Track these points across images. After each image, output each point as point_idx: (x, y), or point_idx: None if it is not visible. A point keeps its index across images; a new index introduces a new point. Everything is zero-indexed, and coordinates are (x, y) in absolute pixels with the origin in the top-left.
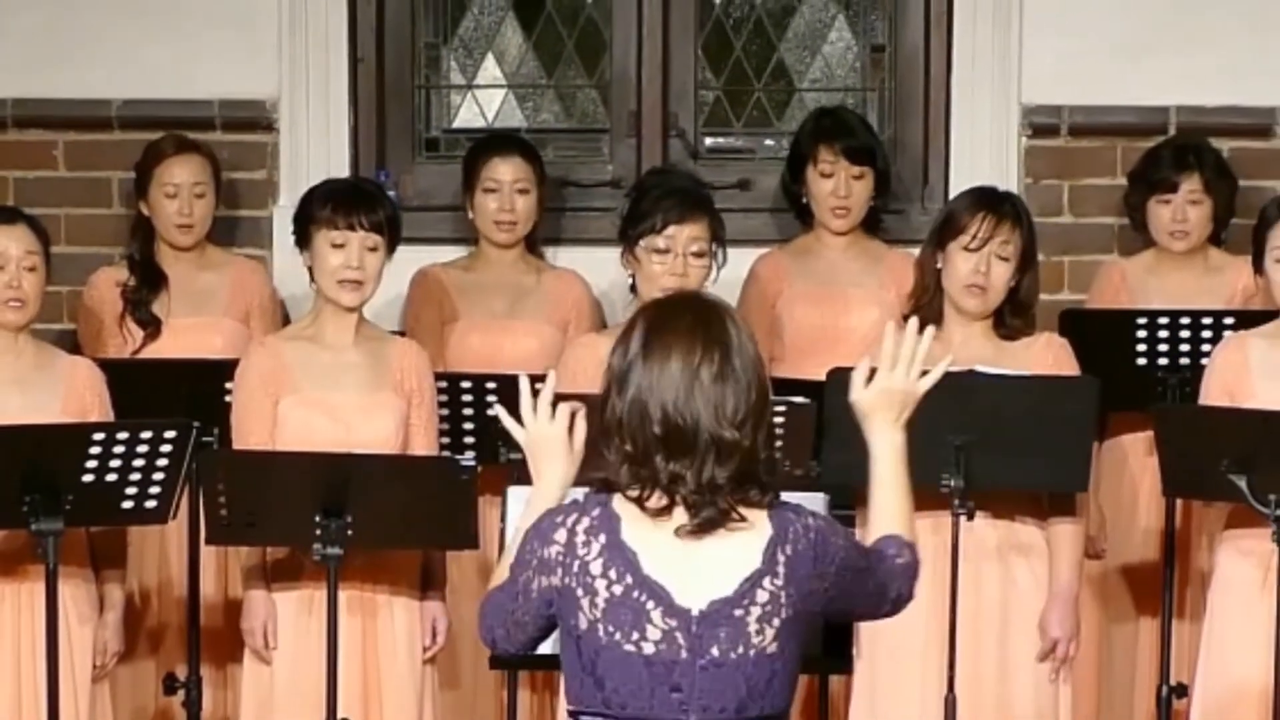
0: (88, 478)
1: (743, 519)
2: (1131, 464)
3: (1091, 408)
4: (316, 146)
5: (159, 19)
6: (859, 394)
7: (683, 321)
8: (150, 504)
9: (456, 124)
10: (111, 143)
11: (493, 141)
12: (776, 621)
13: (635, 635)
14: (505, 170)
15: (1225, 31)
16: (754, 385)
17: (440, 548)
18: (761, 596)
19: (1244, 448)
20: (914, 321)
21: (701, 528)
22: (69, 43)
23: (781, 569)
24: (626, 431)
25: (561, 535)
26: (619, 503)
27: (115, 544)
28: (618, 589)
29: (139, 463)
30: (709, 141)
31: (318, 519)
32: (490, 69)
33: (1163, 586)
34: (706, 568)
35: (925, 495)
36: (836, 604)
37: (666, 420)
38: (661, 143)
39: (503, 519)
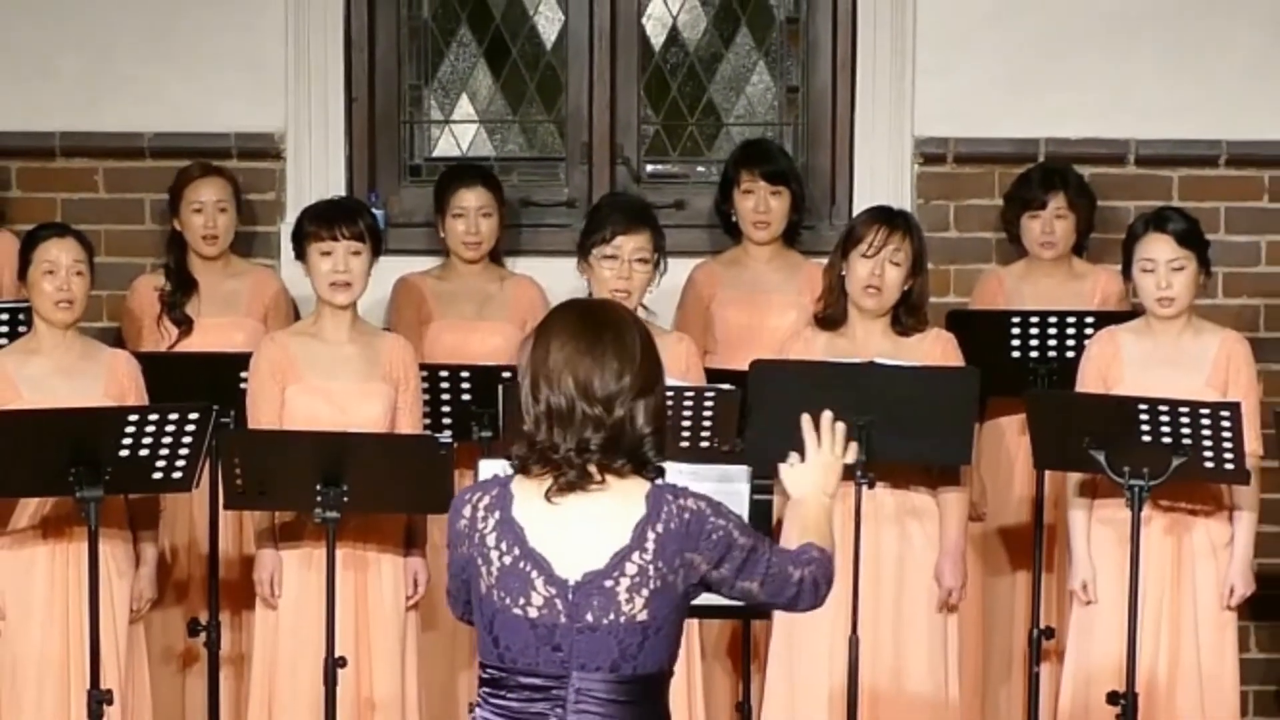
0: (124, 452)
1: (603, 482)
2: (1008, 441)
3: (973, 393)
4: (317, 172)
5: (184, 65)
6: (790, 480)
7: (567, 319)
8: (177, 475)
9: (436, 153)
10: (144, 169)
11: (459, 173)
12: (645, 592)
13: (522, 600)
14: (470, 198)
15: (1086, 75)
16: (628, 372)
17: (421, 512)
18: (630, 569)
19: (1103, 428)
20: (827, 413)
21: (564, 488)
22: (108, 85)
23: (650, 545)
24: (526, 409)
25: (467, 511)
26: (516, 483)
27: (150, 509)
28: (508, 559)
29: (167, 440)
30: (650, 168)
31: (318, 488)
32: (464, 106)
33: (1033, 545)
34: (582, 542)
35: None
36: (729, 582)
37: (548, 398)
38: (609, 169)
39: None
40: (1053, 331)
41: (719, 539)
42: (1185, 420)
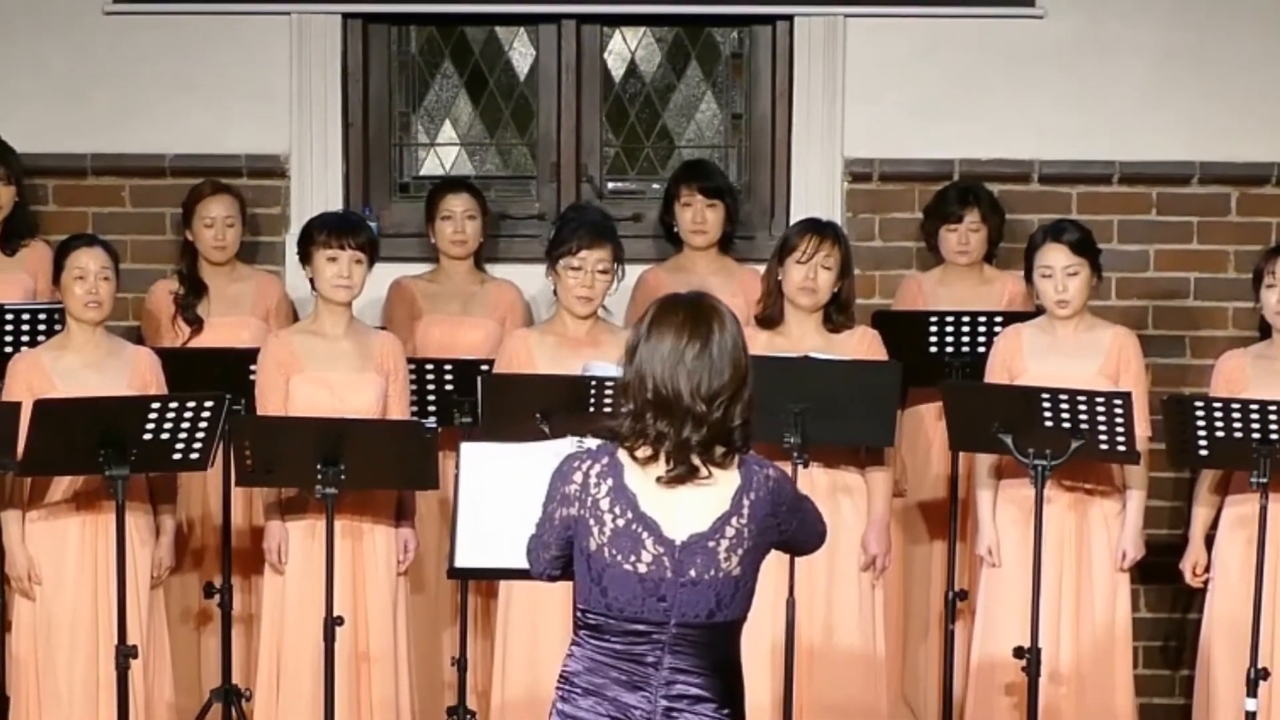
0: (147, 436)
1: (709, 475)
2: (926, 426)
3: (896, 384)
4: (318, 189)
5: (200, 94)
6: None
7: (677, 316)
8: (194, 456)
9: (422, 172)
10: (165, 187)
11: (447, 183)
12: (740, 551)
13: (633, 558)
14: (457, 203)
15: (994, 104)
16: (728, 373)
17: (410, 488)
18: (729, 532)
19: (1009, 415)
20: None
21: (674, 480)
22: (133, 112)
23: (746, 511)
24: (631, 392)
25: (579, 477)
26: (622, 453)
27: (168, 485)
28: (620, 521)
29: (185, 425)
30: (610, 185)
31: (319, 467)
32: (448, 131)
33: (949, 517)
34: (688, 507)
35: (773, 450)
36: (788, 536)
37: (656, 389)
38: (575, 186)
39: (456, 466)
40: (965, 330)
41: (791, 503)
42: (1083, 407)
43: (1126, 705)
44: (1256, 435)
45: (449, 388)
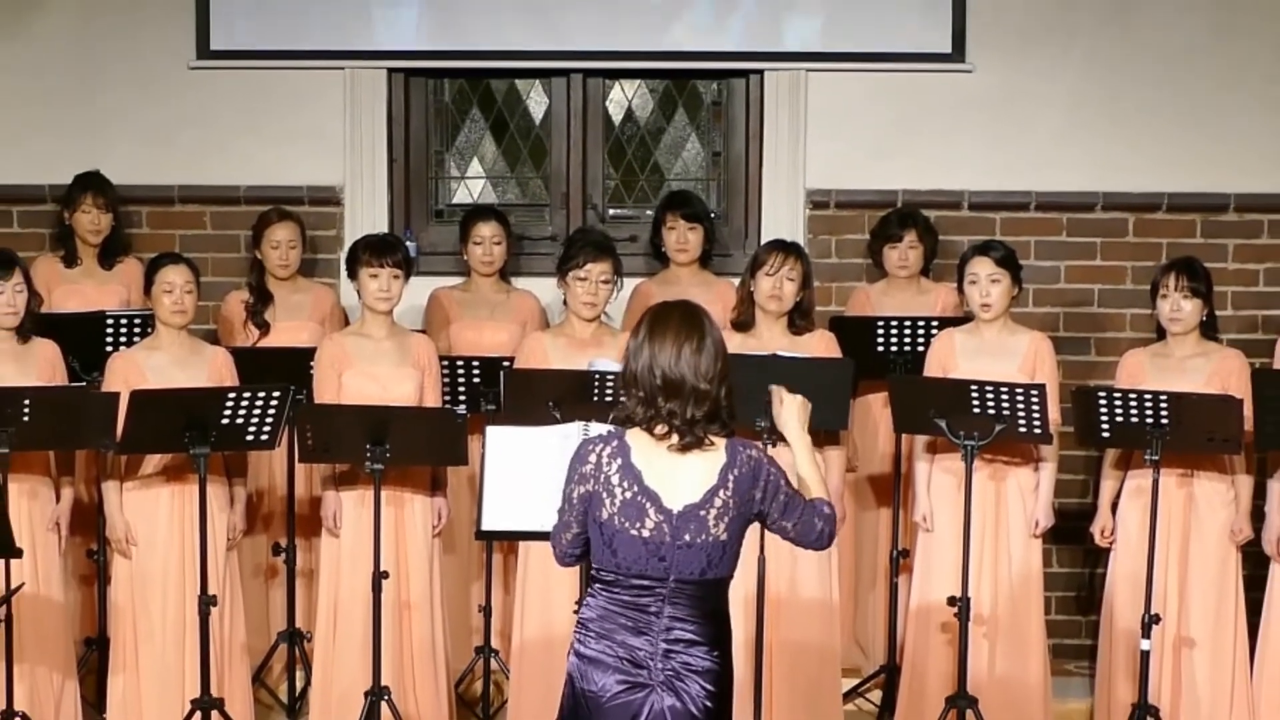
0: (225, 420)
1: (712, 444)
2: (874, 412)
3: (849, 377)
4: (366, 215)
5: (269, 135)
6: (781, 418)
7: (674, 319)
8: (264, 437)
9: (454, 201)
10: (240, 213)
11: (478, 211)
12: (726, 519)
13: (638, 524)
14: (486, 230)
15: (931, 143)
16: (719, 359)
17: (443, 465)
18: (717, 502)
19: (944, 403)
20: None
21: (685, 447)
22: (213, 151)
23: (731, 484)
24: (642, 383)
25: (593, 457)
26: (630, 435)
27: (241, 462)
28: (628, 494)
29: (256, 412)
30: (611, 212)
31: (367, 446)
32: (475, 166)
33: (894, 489)
34: (684, 482)
35: (745, 433)
36: (774, 516)
37: (665, 375)
38: (582, 212)
39: (483, 447)
40: (907, 333)
41: (771, 483)
42: (1005, 397)
43: (1038, 641)
44: (1150, 420)
45: (476, 381)
